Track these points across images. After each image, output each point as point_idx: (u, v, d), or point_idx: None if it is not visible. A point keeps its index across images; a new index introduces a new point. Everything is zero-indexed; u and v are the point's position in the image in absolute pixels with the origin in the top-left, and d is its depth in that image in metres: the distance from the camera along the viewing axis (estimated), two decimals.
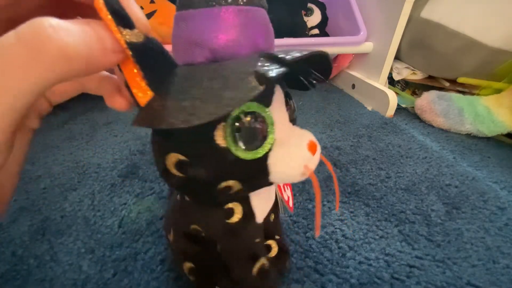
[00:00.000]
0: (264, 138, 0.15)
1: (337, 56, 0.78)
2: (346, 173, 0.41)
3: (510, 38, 0.53)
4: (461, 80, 0.60)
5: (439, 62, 0.62)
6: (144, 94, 0.12)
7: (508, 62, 0.54)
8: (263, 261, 0.20)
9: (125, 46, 0.10)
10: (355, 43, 0.66)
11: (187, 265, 0.22)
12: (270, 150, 0.15)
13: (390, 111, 0.60)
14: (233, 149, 0.14)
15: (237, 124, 0.14)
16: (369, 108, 0.64)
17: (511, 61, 0.53)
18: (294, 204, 0.31)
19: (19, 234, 0.30)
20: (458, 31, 0.56)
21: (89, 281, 0.26)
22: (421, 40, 0.62)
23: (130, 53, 0.10)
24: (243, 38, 0.14)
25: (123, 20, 0.10)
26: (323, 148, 0.47)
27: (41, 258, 0.28)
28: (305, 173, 0.16)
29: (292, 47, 0.63)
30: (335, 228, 0.31)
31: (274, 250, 0.24)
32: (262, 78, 0.11)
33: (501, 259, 0.28)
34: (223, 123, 0.14)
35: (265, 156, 0.15)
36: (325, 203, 0.35)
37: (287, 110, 0.16)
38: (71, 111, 0.63)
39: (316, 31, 0.78)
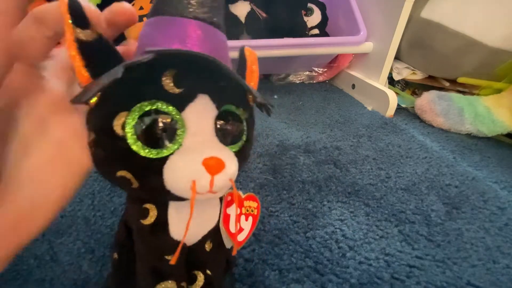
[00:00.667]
0: (170, 140, 0.14)
1: (337, 56, 0.78)
2: (346, 173, 0.41)
3: (510, 38, 0.53)
4: (461, 80, 0.61)
5: (439, 62, 0.62)
6: (83, 80, 0.14)
7: (508, 62, 0.54)
8: (169, 285, 0.18)
9: (73, 41, 0.13)
10: (355, 43, 0.66)
11: (114, 255, 0.21)
12: (172, 154, 0.14)
13: (390, 111, 0.60)
14: (130, 140, 0.14)
15: (143, 118, 0.14)
16: (369, 108, 0.64)
17: (511, 61, 0.53)
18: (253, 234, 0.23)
19: None
20: (458, 31, 0.56)
21: (89, 281, 0.26)
22: (421, 40, 0.62)
23: (76, 46, 0.13)
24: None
25: (79, 21, 0.13)
26: (323, 148, 0.47)
27: (41, 258, 0.28)
28: (194, 190, 0.14)
29: (292, 47, 0.63)
30: (335, 228, 0.31)
31: (198, 284, 0.20)
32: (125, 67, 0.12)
33: (501, 259, 0.28)
34: (126, 112, 0.14)
35: (164, 159, 0.14)
36: (325, 203, 0.35)
37: (219, 126, 0.16)
38: None
39: (316, 31, 0.78)
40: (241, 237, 0.21)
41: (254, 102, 0.19)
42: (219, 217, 0.20)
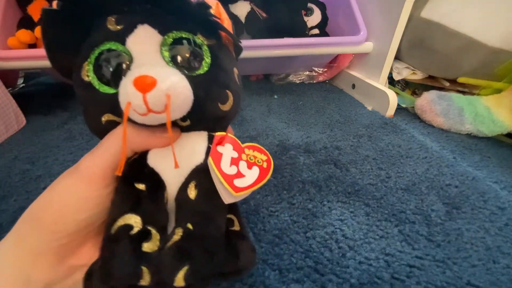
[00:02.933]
0: (124, 72, 0.15)
1: (337, 56, 0.78)
2: (346, 173, 0.41)
3: (510, 38, 0.53)
4: (461, 80, 0.61)
5: (439, 62, 0.62)
6: None
7: (508, 62, 0.53)
8: (132, 219, 0.15)
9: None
10: (355, 43, 0.66)
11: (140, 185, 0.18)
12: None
13: (390, 111, 0.60)
14: (94, 84, 0.16)
15: (98, 60, 0.16)
16: (369, 108, 0.64)
17: (511, 61, 0.53)
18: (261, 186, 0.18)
19: None
20: (458, 31, 0.56)
21: None
22: (421, 40, 0.62)
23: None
24: None
25: None
26: (323, 148, 0.47)
27: None
28: (126, 111, 0.14)
29: (292, 47, 0.63)
30: (335, 228, 0.31)
31: (173, 239, 0.15)
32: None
33: (501, 259, 0.28)
34: (87, 61, 0.16)
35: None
36: (325, 203, 0.35)
37: (167, 50, 0.16)
38: (71, 111, 0.63)
39: (316, 31, 0.78)
40: (240, 182, 0.17)
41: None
42: (207, 154, 0.17)
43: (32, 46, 0.60)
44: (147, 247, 0.15)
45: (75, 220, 0.15)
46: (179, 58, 0.16)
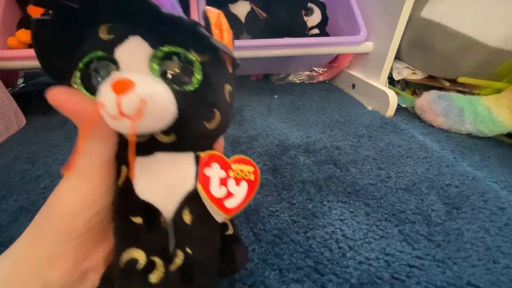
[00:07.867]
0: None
1: (337, 56, 0.78)
2: (346, 173, 0.41)
3: (510, 38, 0.53)
4: (461, 80, 0.61)
5: (439, 62, 0.62)
6: None
7: (508, 62, 0.54)
8: (135, 253, 0.16)
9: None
10: (355, 43, 0.66)
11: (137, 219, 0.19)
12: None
13: (390, 111, 0.60)
14: (81, 91, 0.16)
15: (85, 69, 0.16)
16: (369, 108, 0.64)
17: (511, 61, 0.53)
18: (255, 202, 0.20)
19: (19, 234, 0.30)
20: (458, 31, 0.56)
21: None
22: (421, 40, 0.62)
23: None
24: None
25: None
26: (323, 148, 0.47)
27: None
28: (96, 110, 0.14)
29: (292, 47, 0.63)
30: (335, 228, 0.31)
31: (176, 263, 0.17)
32: None
33: (501, 259, 0.28)
34: (76, 68, 0.16)
35: None
36: (325, 203, 0.35)
37: (156, 64, 0.16)
38: None
39: (316, 31, 0.78)
40: (230, 203, 0.18)
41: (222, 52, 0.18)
42: (196, 179, 0.18)
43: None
44: (154, 278, 0.16)
45: (82, 219, 0.15)
46: (168, 73, 0.16)
